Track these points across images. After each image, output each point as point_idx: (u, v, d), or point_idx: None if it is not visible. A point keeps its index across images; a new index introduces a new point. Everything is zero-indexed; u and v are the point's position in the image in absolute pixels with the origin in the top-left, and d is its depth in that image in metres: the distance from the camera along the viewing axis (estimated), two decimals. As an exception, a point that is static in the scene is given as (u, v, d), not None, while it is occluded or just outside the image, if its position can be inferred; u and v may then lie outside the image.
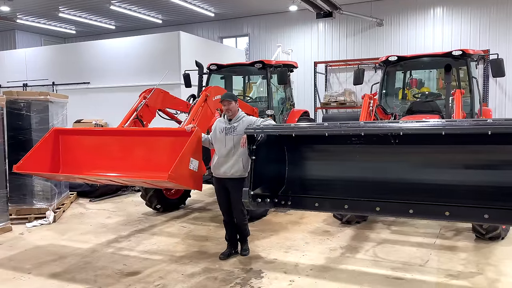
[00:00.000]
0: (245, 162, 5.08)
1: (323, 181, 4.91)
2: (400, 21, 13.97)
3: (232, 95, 5.18)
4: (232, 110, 5.09)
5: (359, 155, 4.74)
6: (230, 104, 5.07)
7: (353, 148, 4.73)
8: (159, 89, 7.07)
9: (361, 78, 7.66)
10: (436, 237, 6.00)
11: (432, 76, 10.17)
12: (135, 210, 8.05)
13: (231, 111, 5.10)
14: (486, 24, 12.89)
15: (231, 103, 5.07)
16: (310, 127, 4.28)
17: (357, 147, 4.70)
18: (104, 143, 5.61)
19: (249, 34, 16.53)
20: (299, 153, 5.03)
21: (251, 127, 4.54)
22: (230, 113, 5.10)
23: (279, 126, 4.52)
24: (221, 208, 5.38)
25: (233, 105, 5.09)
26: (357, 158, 4.76)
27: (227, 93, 5.26)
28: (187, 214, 7.64)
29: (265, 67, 8.21)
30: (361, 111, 5.78)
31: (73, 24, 18.15)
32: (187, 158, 4.86)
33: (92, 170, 5.60)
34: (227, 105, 5.09)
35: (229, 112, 5.10)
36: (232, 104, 5.08)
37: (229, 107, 5.08)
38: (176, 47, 11.66)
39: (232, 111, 5.09)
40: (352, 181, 4.73)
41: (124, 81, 12.68)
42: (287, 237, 6.15)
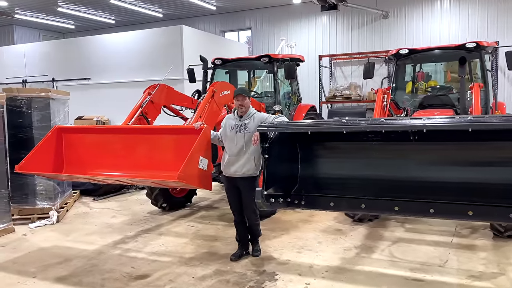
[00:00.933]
0: (257, 160, 4.89)
1: (338, 180, 4.72)
2: (406, 13, 13.72)
3: (246, 90, 4.97)
4: (246, 107, 4.89)
5: (376, 153, 4.55)
6: (244, 100, 4.86)
7: (369, 145, 4.54)
8: (163, 85, 6.87)
9: (372, 72, 7.44)
10: (452, 235, 5.82)
11: (439, 69, 9.94)
12: (140, 209, 7.87)
13: (244, 108, 4.89)
14: (494, 15, 12.64)
15: (245, 99, 4.87)
16: (327, 124, 4.08)
17: (373, 144, 4.52)
18: (110, 141, 5.41)
19: (252, 28, 16.27)
20: (312, 151, 4.84)
21: (264, 124, 4.34)
22: (243, 109, 4.89)
23: (294, 123, 4.33)
24: (232, 207, 5.20)
25: (247, 101, 4.89)
26: (374, 155, 4.57)
27: (241, 88, 5.04)
28: (194, 213, 7.46)
29: (271, 61, 7.99)
30: (375, 106, 5.58)
31: (72, 18, 17.89)
32: (196, 156, 4.66)
33: (97, 169, 5.40)
34: (241, 100, 4.88)
35: (242, 108, 4.89)
36: (246, 100, 4.88)
37: (242, 103, 4.87)
38: (179, 42, 11.42)
39: (245, 108, 4.89)
40: (368, 180, 4.53)
41: (125, 77, 12.46)
42: (299, 236, 5.97)
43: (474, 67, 8.96)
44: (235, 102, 4.94)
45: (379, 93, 5.75)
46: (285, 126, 4.24)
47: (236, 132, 4.87)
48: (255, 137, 4.53)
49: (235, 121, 4.93)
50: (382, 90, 5.82)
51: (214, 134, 5.08)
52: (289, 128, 4.23)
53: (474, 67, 8.96)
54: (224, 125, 5.03)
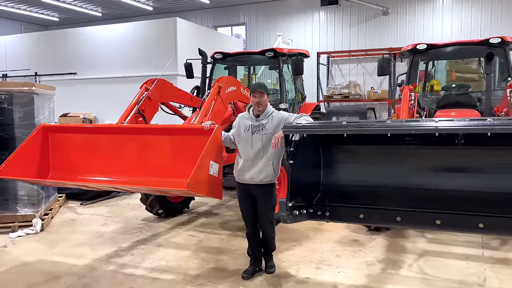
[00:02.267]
0: (275, 165, 4.31)
1: (367, 188, 4.17)
2: (407, 10, 13.29)
3: (264, 86, 4.35)
4: (263, 104, 4.28)
5: (412, 158, 4.02)
6: (262, 96, 4.26)
7: (404, 150, 4.01)
8: (162, 80, 6.23)
9: (387, 68, 6.93)
10: (481, 247, 5.33)
11: (441, 68, 9.49)
12: (133, 215, 7.20)
13: (262, 106, 4.29)
14: (498, 12, 12.29)
15: (263, 96, 4.26)
16: (368, 125, 3.51)
17: (410, 148, 3.98)
18: (104, 142, 4.76)
19: (246, 23, 15.65)
20: (337, 155, 4.29)
21: (290, 125, 3.75)
22: (260, 107, 4.29)
23: (325, 124, 3.75)
24: (245, 218, 4.60)
25: (265, 99, 4.28)
26: (409, 161, 4.03)
27: (258, 83, 4.43)
28: (192, 220, 6.83)
29: (277, 55, 7.42)
30: (402, 105, 5.03)
31: (56, 10, 16.99)
32: (207, 161, 4.06)
33: (89, 174, 4.76)
34: (259, 97, 4.27)
35: (260, 106, 4.28)
36: (265, 97, 4.27)
37: (260, 101, 4.26)
38: (172, 35, 10.74)
39: (263, 106, 4.29)
40: (404, 189, 4.00)
41: (114, 72, 11.72)
42: (313, 248, 5.41)
43: (478, 66, 8.56)
44: (252, 99, 4.33)
45: (405, 90, 5.21)
46: (317, 128, 3.66)
47: (252, 133, 4.27)
48: (276, 140, 3.94)
49: (251, 121, 4.33)
50: (408, 87, 5.29)
51: (225, 135, 4.49)
52: (322, 130, 3.65)
53: (478, 65, 8.56)
54: (237, 125, 4.42)
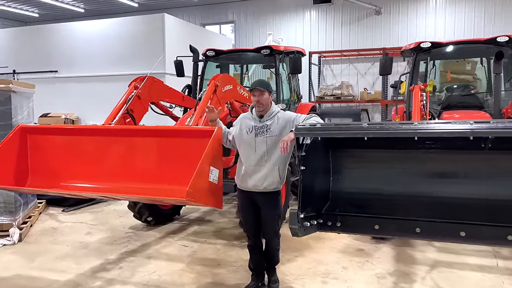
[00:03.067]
0: (281, 171, 3.92)
1: (382, 196, 3.80)
2: (399, 9, 13.07)
3: (265, 83, 3.96)
4: (264, 104, 3.88)
5: (432, 163, 3.67)
6: (262, 95, 3.86)
7: (423, 154, 3.66)
8: (152, 78, 5.78)
9: (389, 68, 6.60)
10: (493, 256, 5.03)
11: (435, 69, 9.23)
12: (119, 222, 6.71)
13: (263, 105, 3.89)
14: (491, 11, 12.15)
15: (263, 94, 3.86)
16: (393, 127, 3.13)
17: (429, 153, 3.64)
18: (90, 145, 4.29)
19: (235, 21, 15.23)
20: (348, 159, 3.92)
21: (303, 126, 3.36)
22: (261, 107, 3.90)
23: (343, 126, 3.35)
24: (247, 229, 4.20)
25: (266, 97, 3.88)
26: (429, 166, 3.69)
27: (259, 81, 4.03)
28: (184, 228, 6.39)
29: (273, 53, 7.04)
30: (413, 106, 4.70)
31: (35, 5, 16.27)
32: (206, 167, 3.63)
33: (73, 181, 4.28)
34: (258, 96, 3.87)
35: (260, 106, 3.89)
36: (265, 95, 3.87)
37: (260, 99, 3.87)
38: (160, 32, 10.26)
39: (264, 105, 3.89)
40: (423, 197, 3.65)
41: (98, 70, 11.17)
42: (317, 259, 5.04)
43: (474, 67, 8.34)
44: (252, 98, 3.94)
45: (416, 90, 4.87)
46: (335, 130, 3.26)
47: (256, 135, 3.87)
48: (284, 143, 3.55)
49: (254, 121, 3.92)
50: (419, 87, 4.95)
51: (224, 129, 4.05)
52: (340, 133, 3.25)
53: (473, 66, 8.34)
54: (238, 126, 4.01)
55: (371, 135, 3.10)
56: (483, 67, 7.41)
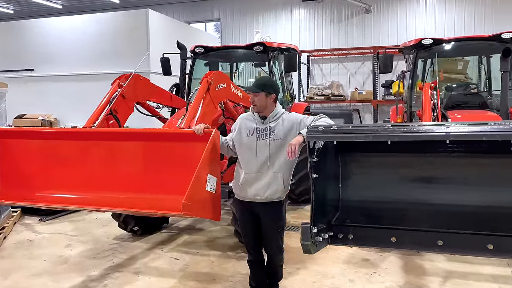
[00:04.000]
0: (286, 179, 3.52)
1: (398, 205, 3.44)
2: (389, 7, 12.84)
3: (261, 83, 3.55)
4: (258, 105, 3.48)
5: (454, 168, 3.32)
6: (256, 96, 3.47)
7: (444, 159, 3.31)
8: (137, 75, 5.31)
9: (390, 66, 6.27)
10: (506, 265, 4.73)
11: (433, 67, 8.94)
12: (103, 232, 6.20)
13: (257, 106, 3.49)
14: (481, 10, 12.02)
15: (257, 95, 3.46)
16: (422, 129, 2.75)
17: (451, 157, 3.28)
18: (71, 151, 3.81)
19: (221, 19, 14.78)
20: (359, 164, 3.55)
21: (316, 129, 2.96)
22: (255, 108, 3.51)
23: (363, 128, 2.96)
24: (247, 242, 3.78)
25: (261, 97, 3.46)
26: (451, 171, 3.33)
27: (257, 80, 3.65)
28: (174, 238, 5.92)
29: (266, 50, 6.64)
30: (423, 105, 4.35)
31: (9, 1, 15.49)
32: (204, 175, 3.22)
33: (51, 191, 3.80)
34: (252, 96, 3.51)
35: (255, 106, 3.50)
36: (260, 95, 3.46)
37: (254, 99, 3.49)
38: (144, 28, 9.75)
39: (258, 106, 3.48)
40: (445, 205, 3.30)
41: (77, 69, 10.59)
42: (321, 272, 4.65)
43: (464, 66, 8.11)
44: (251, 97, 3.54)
45: (426, 88, 4.52)
46: (355, 133, 2.85)
47: (257, 138, 3.46)
48: (292, 148, 3.15)
49: (256, 123, 3.51)
50: (428, 85, 4.61)
51: (222, 140, 3.64)
52: (361, 136, 2.83)
53: (465, 65, 8.11)
54: (238, 128, 3.59)
55: (398, 139, 2.72)
56: (483, 65, 7.16)
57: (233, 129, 3.68)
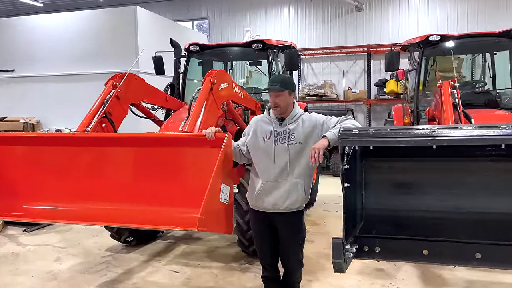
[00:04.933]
0: (307, 186, 3.20)
1: (430, 214, 3.14)
2: (381, 6, 12.63)
3: (284, 81, 3.19)
4: (282, 105, 3.13)
5: (491, 173, 3.05)
6: (279, 96, 3.10)
7: (481, 163, 3.03)
8: (132, 75, 4.92)
9: (396, 63, 6.01)
10: (527, 272, 4.51)
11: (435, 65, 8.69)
12: (94, 244, 5.78)
13: (280, 107, 3.14)
14: (474, 8, 11.91)
15: (280, 94, 3.10)
16: (474, 132, 2.45)
17: (488, 161, 3.01)
18: (62, 158, 3.41)
19: (209, 18, 14.38)
20: (384, 170, 3.25)
21: (349, 132, 2.63)
22: (278, 110, 3.15)
23: (406, 130, 2.64)
24: (262, 257, 3.45)
25: (285, 97, 3.13)
26: (488, 177, 3.05)
27: (277, 77, 3.29)
28: (171, 248, 5.55)
29: (266, 48, 6.31)
30: (444, 105, 4.08)
31: (-13, 0, 14.83)
32: (218, 185, 2.87)
33: (41, 203, 3.39)
34: (274, 97, 3.13)
35: (277, 108, 3.15)
36: (283, 95, 3.11)
37: (276, 101, 3.12)
38: (132, 26, 9.29)
39: (282, 107, 3.14)
40: (483, 214, 3.03)
41: (61, 69, 10.05)
42: (335, 284, 4.36)
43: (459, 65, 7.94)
44: (270, 99, 3.19)
45: (445, 87, 4.25)
46: (400, 137, 2.51)
47: (275, 143, 3.12)
48: (316, 152, 2.83)
49: (273, 125, 3.17)
50: (447, 83, 4.33)
51: (234, 145, 3.30)
52: (403, 140, 2.51)
53: (459, 64, 7.94)
54: (252, 131, 3.24)
55: (445, 144, 2.42)
56: (486, 62, 6.97)
57: (246, 133, 3.33)
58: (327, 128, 3.04)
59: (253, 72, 8.78)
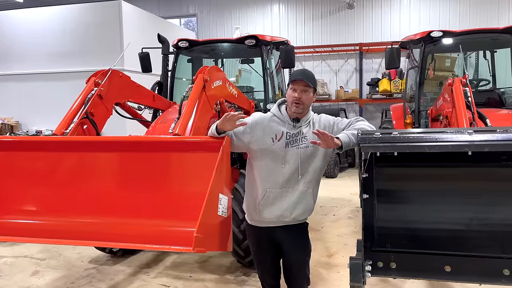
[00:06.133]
0: (315, 195, 2.86)
1: (449, 226, 2.84)
2: (373, 3, 12.38)
3: (312, 76, 2.78)
4: (306, 104, 2.73)
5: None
6: (305, 92, 2.71)
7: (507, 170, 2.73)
8: (117, 72, 4.53)
9: (398, 60, 5.72)
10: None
11: None
12: (76, 254, 5.36)
13: (303, 105, 2.73)
14: (466, 5, 11.75)
15: (308, 92, 2.72)
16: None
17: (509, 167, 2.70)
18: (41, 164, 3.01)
19: (197, 15, 13.97)
20: (399, 177, 2.93)
21: (369, 135, 2.30)
22: (300, 107, 2.73)
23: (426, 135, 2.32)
24: (263, 277, 3.09)
25: (310, 96, 2.74)
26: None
27: (303, 70, 2.85)
28: (159, 259, 5.17)
29: (259, 44, 5.97)
30: (457, 104, 3.78)
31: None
32: (216, 195, 2.51)
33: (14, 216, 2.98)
34: (300, 92, 2.70)
35: (299, 105, 2.72)
36: (310, 93, 2.73)
37: (303, 97, 2.70)
38: (117, 22, 8.85)
39: (305, 105, 2.74)
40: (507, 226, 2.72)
41: (40, 67, 9.55)
42: (339, 297, 4.03)
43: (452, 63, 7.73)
44: (290, 93, 2.76)
45: (457, 84, 3.94)
46: (427, 142, 2.20)
47: (286, 145, 2.74)
48: (326, 136, 2.46)
49: (286, 126, 2.79)
50: (459, 80, 4.03)
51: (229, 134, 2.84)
52: (432, 146, 2.19)
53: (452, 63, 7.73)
54: (260, 130, 2.79)
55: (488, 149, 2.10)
56: (487, 60, 6.73)
57: (251, 129, 2.79)
58: (338, 131, 2.71)
59: (242, 70, 8.44)
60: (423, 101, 6.26)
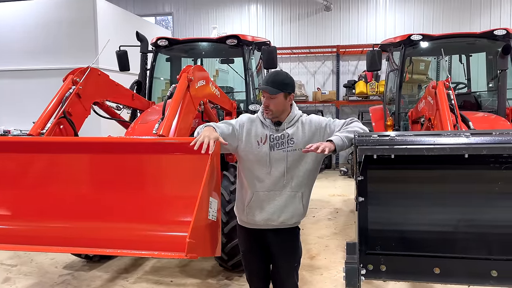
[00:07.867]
0: (305, 199, 2.82)
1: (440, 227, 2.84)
2: (350, 6, 12.51)
3: (278, 82, 2.67)
4: (274, 110, 2.68)
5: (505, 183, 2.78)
6: (273, 98, 2.65)
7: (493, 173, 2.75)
8: (95, 70, 4.36)
9: (379, 62, 5.76)
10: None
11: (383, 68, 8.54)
12: (49, 260, 5.14)
13: (272, 112, 2.68)
14: (440, 10, 12.00)
15: (276, 98, 2.65)
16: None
17: (502, 168, 2.74)
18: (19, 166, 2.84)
19: (173, 13, 13.75)
20: (390, 179, 2.92)
21: (366, 138, 2.26)
22: (269, 113, 2.69)
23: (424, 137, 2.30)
24: (251, 279, 3.01)
25: (279, 101, 2.66)
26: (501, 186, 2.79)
27: (272, 76, 2.76)
28: (139, 263, 5.01)
29: (241, 44, 5.90)
30: (441, 108, 3.80)
31: None
32: (206, 199, 2.42)
33: None
34: (267, 99, 2.66)
35: (268, 112, 2.69)
36: (278, 98, 2.65)
37: (270, 103, 2.66)
38: (91, 19, 8.57)
39: (274, 111, 2.68)
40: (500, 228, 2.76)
41: (11, 63, 9.16)
42: (324, 301, 4.00)
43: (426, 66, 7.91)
44: (262, 99, 2.75)
45: (440, 87, 3.97)
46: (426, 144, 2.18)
47: (271, 148, 2.69)
48: (318, 148, 2.41)
49: (268, 129, 2.74)
50: (442, 83, 4.06)
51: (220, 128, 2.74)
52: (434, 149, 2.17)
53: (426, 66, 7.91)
54: (246, 133, 2.75)
55: (486, 152, 2.09)
56: (462, 64, 6.89)
57: (231, 124, 2.74)
58: (331, 133, 2.66)
59: (220, 70, 8.34)
60: (402, 103, 6.33)
